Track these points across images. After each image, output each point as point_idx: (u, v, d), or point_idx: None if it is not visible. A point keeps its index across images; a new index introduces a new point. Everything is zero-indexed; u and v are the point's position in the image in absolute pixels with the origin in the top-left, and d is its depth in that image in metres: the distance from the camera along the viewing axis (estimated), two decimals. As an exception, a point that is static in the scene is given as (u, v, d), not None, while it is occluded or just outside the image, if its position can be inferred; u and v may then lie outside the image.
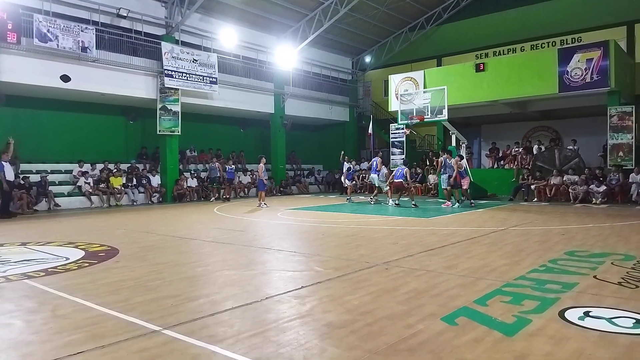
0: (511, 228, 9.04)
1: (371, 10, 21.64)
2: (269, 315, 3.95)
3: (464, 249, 6.85)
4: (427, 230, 8.92)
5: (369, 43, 25.52)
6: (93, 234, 8.99)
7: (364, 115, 25.85)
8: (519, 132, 21.79)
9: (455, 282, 4.89)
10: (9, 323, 3.80)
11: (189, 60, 17.79)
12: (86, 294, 4.62)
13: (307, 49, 22.29)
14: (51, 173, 16.08)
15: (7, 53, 13.71)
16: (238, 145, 23.09)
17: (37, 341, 3.39)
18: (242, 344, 3.26)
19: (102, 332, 3.52)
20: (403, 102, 17.95)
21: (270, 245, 7.59)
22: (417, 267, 5.62)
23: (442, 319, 3.69)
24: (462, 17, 23.08)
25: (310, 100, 23.67)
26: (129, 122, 19.48)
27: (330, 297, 4.44)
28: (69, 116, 17.40)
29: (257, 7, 19.80)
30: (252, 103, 20.88)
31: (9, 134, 14.89)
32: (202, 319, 3.83)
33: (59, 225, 11.02)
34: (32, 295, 4.63)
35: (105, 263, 6.22)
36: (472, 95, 17.54)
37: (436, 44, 23.90)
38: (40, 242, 8.00)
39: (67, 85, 14.83)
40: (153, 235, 8.96)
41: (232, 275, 5.48)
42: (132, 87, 16.64)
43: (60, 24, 14.34)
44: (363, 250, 6.87)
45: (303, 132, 25.96)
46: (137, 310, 4.05)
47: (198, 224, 11.03)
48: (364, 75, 26.95)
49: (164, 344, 3.30)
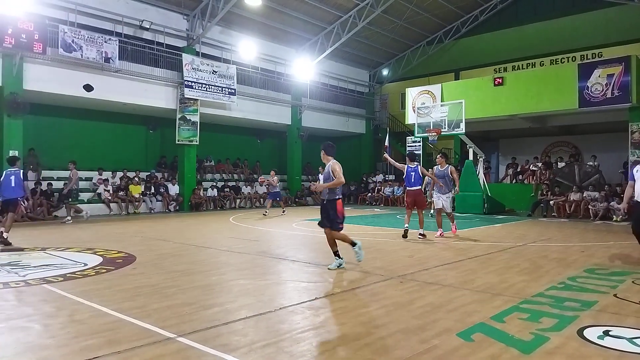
0: (530, 244, 8.89)
1: (389, 24, 21.77)
2: (283, 325, 3.94)
3: (481, 264, 6.76)
4: (443, 245, 8.83)
5: (386, 56, 25.62)
6: (111, 241, 9.11)
7: (381, 128, 25.85)
8: (538, 147, 21.53)
9: (471, 297, 4.82)
10: (28, 326, 3.86)
11: (208, 72, 18.07)
12: (103, 299, 4.67)
13: (324, 62, 22.47)
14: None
15: (33, 62, 14.12)
16: (254, 155, 23.27)
17: (54, 345, 3.44)
18: (255, 354, 3.26)
19: (118, 338, 3.55)
20: (420, 115, 17.93)
21: (285, 255, 7.60)
22: (433, 281, 5.56)
23: (457, 335, 3.64)
24: (481, 32, 23.05)
25: (326, 112, 23.79)
26: (149, 132, 19.80)
27: (344, 309, 4.41)
28: (91, 125, 17.76)
29: (276, 20, 20.08)
30: (269, 114, 21.08)
31: (33, 142, 15.30)
32: (216, 327, 3.84)
33: (78, 231, 11.20)
34: (50, 300, 4.71)
35: (122, 270, 6.30)
36: (490, 109, 17.41)
37: (454, 58, 23.87)
38: (59, 248, 8.14)
39: (90, 94, 15.17)
40: (169, 243, 9.04)
41: (246, 284, 5.49)
42: (152, 97, 16.96)
43: (85, 35, 14.72)
44: (378, 262, 6.82)
45: (319, 144, 25.89)
46: (153, 317, 4.09)
47: (214, 232, 11.10)
48: (380, 88, 27.01)
49: (178, 352, 3.32)
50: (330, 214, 6.23)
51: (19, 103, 13.78)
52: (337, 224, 6.25)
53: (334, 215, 6.21)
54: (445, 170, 9.85)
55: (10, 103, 13.63)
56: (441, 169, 9.87)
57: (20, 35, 13.34)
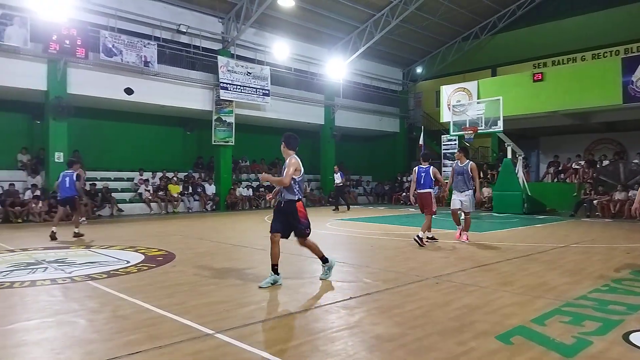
0: (572, 245, 8.59)
1: (423, 20, 21.48)
2: (318, 324, 3.97)
3: (521, 265, 6.59)
4: (480, 245, 8.64)
5: (420, 54, 25.30)
6: (152, 239, 9.40)
7: (415, 127, 25.54)
8: (581, 144, 20.77)
9: (510, 299, 4.70)
10: (74, 321, 4.04)
11: (243, 73, 18.35)
12: (145, 296, 4.83)
13: (357, 61, 22.40)
14: (114, 180, 17.02)
15: (76, 67, 14.72)
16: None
17: (99, 340, 3.58)
18: (291, 352, 3.30)
19: (159, 333, 3.67)
20: (455, 113, 17.61)
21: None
22: (470, 282, 5.46)
23: (496, 338, 3.57)
24: (519, 26, 22.42)
25: (360, 111, 23.72)
26: (186, 133, 20.29)
27: (379, 309, 4.40)
28: (131, 127, 18.35)
29: (309, 21, 20.17)
30: (302, 114, 21.21)
31: (77, 144, 15.93)
32: (252, 324, 3.91)
33: (120, 230, 11.61)
34: (94, 296, 4.90)
35: (162, 267, 6.49)
36: (530, 106, 16.91)
37: (491, 54, 23.32)
38: (103, 246, 8.46)
39: (130, 97, 15.70)
40: (207, 241, 9.24)
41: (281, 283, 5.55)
42: (189, 100, 17.38)
43: (125, 40, 15.23)
44: (412, 263, 6.76)
45: (352, 143, 25.99)
46: (192, 313, 4.19)
47: (249, 232, 11.26)
48: (415, 86, 26.69)
49: (216, 348, 3.40)
50: (289, 218, 5.32)
51: (63, 107, 14.40)
52: (301, 230, 5.36)
53: (294, 220, 5.30)
54: (465, 166, 8.79)
55: (55, 107, 14.26)
56: (461, 165, 8.86)
57: (64, 41, 13.95)
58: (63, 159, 14.49)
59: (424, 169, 8.87)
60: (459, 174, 8.91)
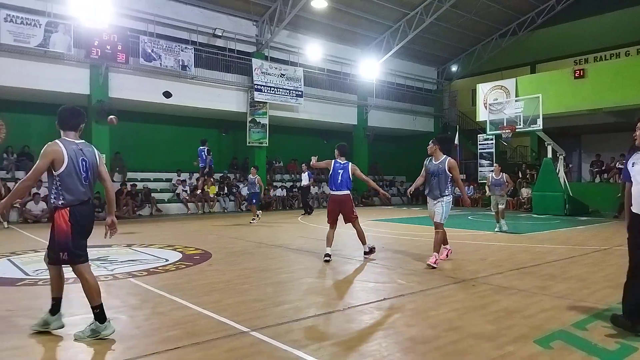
0: (615, 248, 8.26)
1: (458, 18, 21.09)
2: (352, 324, 3.98)
3: (561, 268, 6.39)
4: (519, 247, 8.43)
5: (455, 52, 24.86)
6: (189, 238, 9.64)
7: (450, 126, 25.12)
8: (625, 143, 19.82)
9: (550, 303, 4.57)
10: (116, 317, 4.18)
11: (276, 75, 18.55)
12: (183, 293, 4.96)
13: (390, 60, 22.23)
14: (153, 181, 17.53)
15: (117, 72, 15.26)
16: (321, 156, 23.19)
17: (139, 335, 3.71)
18: (325, 351, 3.32)
19: (197, 330, 3.76)
20: (492, 112, 17.23)
21: (353, 255, 7.62)
22: (508, 285, 5.34)
23: (535, 342, 3.48)
24: (558, 22, 21.69)
25: (393, 111, 23.53)
26: (222, 134, 20.67)
27: (414, 310, 4.36)
28: (169, 129, 18.85)
29: (342, 21, 20.17)
30: (335, 115, 21.23)
31: (118, 146, 16.51)
32: (287, 323, 3.95)
33: (159, 229, 11.95)
34: (135, 293, 5.08)
35: (199, 266, 6.65)
36: (571, 103, 16.35)
37: (529, 51, 22.67)
38: (143, 244, 8.74)
39: (169, 100, 16.15)
40: (242, 241, 9.39)
41: (315, 283, 5.59)
42: (225, 102, 17.72)
43: (163, 45, 15.68)
44: (448, 265, 6.66)
45: (385, 143, 25.80)
46: (228, 311, 4.28)
47: (283, 232, 11.36)
48: (449, 84, 26.26)
49: (251, 345, 3.46)
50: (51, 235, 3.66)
51: (105, 110, 14.94)
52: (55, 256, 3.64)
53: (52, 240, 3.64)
54: (441, 164, 6.70)
55: (97, 110, 14.82)
56: (435, 162, 6.76)
57: (105, 47, 14.49)
58: (105, 161, 15.05)
59: (341, 165, 7.32)
60: (433, 175, 6.65)
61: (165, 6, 16.50)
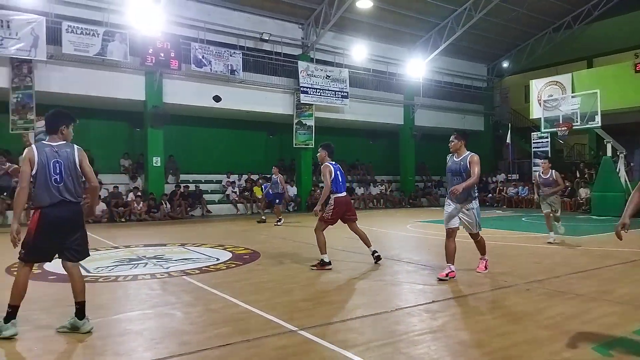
0: (684, 251, 7.72)
1: (509, 12, 20.38)
2: (399, 326, 3.95)
3: (623, 272, 6.05)
4: (576, 250, 8.05)
5: (506, 47, 24.06)
6: (238, 238, 9.89)
7: (501, 124, 24.34)
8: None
9: (610, 308, 4.35)
10: (171, 313, 4.37)
11: (322, 77, 18.65)
12: (233, 292, 5.10)
13: (437, 58, 21.81)
14: (204, 183, 18.09)
15: (170, 78, 15.87)
16: (367, 157, 23.40)
17: (193, 331, 3.85)
18: (372, 352, 3.31)
19: (247, 328, 3.86)
20: (547, 109, 16.55)
21: (400, 257, 7.55)
22: (565, 289, 5.12)
23: (593, 349, 3.33)
24: (617, 13, 20.55)
25: (441, 110, 23.07)
26: (269, 137, 21.02)
27: (464, 314, 4.28)
28: (218, 132, 19.37)
29: (387, 21, 20.00)
30: (381, 115, 21.09)
31: (173, 148, 17.19)
32: (334, 324, 3.98)
33: (210, 229, 12.32)
34: (189, 290, 5.27)
35: (249, 265, 6.81)
36: (631, 99, 15.48)
37: (586, 44, 21.60)
38: (195, 244, 9.04)
39: (219, 104, 16.66)
40: (289, 241, 9.53)
41: (362, 284, 5.58)
42: (272, 105, 18.03)
43: (213, 50, 16.16)
44: (500, 267, 6.46)
45: (433, 143, 25.29)
46: (277, 310, 4.36)
47: (329, 233, 11.37)
48: (500, 81, 25.44)
49: (300, 344, 3.51)
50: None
51: (160, 115, 15.60)
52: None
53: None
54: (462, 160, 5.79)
55: (153, 115, 15.49)
56: (457, 160, 5.86)
57: (159, 54, 15.11)
58: (160, 163, 15.73)
59: (336, 166, 7.07)
60: (455, 174, 5.79)
61: (214, 13, 17.00)
